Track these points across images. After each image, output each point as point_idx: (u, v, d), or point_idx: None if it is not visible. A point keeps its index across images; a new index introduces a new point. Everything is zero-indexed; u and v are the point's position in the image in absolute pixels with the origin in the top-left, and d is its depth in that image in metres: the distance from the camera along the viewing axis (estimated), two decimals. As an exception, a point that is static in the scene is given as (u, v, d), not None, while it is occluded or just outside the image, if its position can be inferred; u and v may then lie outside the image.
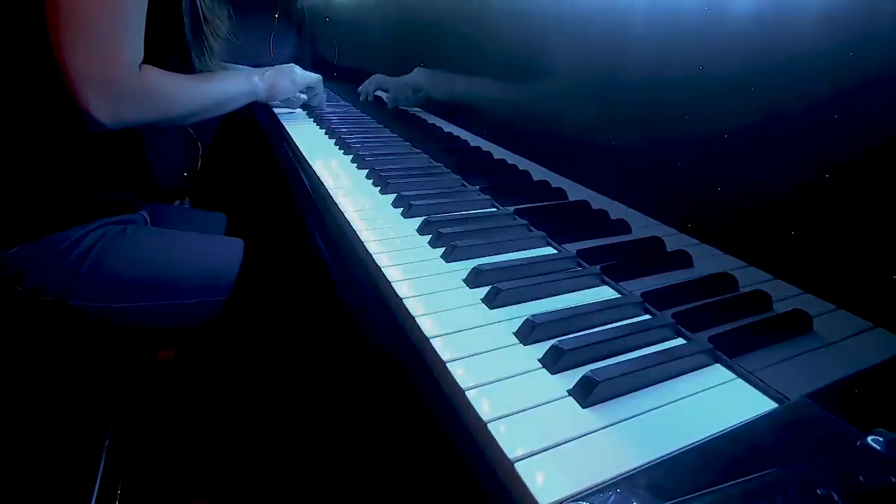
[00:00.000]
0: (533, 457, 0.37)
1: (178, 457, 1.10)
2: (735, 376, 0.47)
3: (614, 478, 0.36)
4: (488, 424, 0.40)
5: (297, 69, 1.37)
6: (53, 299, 0.86)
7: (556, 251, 0.70)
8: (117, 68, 0.83)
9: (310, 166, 1.00)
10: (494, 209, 0.83)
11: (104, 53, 0.80)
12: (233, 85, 1.13)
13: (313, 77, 1.42)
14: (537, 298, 0.57)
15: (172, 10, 0.93)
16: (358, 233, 0.72)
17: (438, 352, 0.48)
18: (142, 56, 0.86)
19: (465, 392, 0.43)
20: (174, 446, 1.11)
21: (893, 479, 0.30)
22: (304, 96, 1.46)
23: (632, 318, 0.55)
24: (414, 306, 0.55)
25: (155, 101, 0.91)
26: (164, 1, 0.90)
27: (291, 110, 1.48)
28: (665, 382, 0.45)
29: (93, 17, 0.78)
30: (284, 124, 1.33)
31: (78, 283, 0.86)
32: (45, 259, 0.85)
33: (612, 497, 0.32)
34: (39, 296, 0.86)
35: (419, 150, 1.12)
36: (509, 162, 1.01)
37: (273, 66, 1.33)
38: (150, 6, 0.85)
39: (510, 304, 0.56)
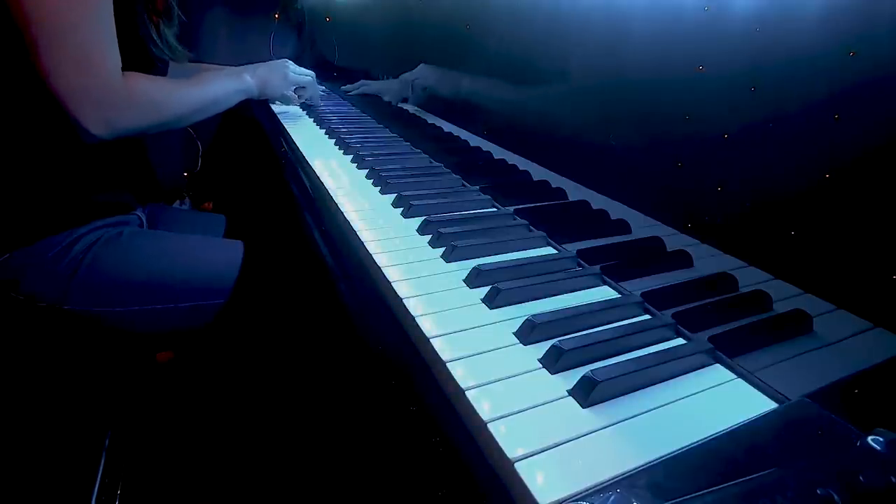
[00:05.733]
0: (533, 457, 0.37)
1: (181, 458, 1.10)
2: (735, 376, 0.47)
3: (614, 478, 0.36)
4: (488, 424, 0.40)
5: (291, 65, 1.35)
6: (48, 305, 0.85)
7: (556, 251, 0.70)
8: (102, 76, 0.81)
9: (310, 166, 1.00)
10: (494, 209, 0.83)
11: (87, 63, 0.78)
12: (223, 84, 1.11)
13: (306, 78, 1.40)
14: (537, 298, 0.57)
15: (124, 4, 0.87)
16: (358, 233, 0.71)
17: (438, 352, 0.48)
18: (120, 60, 0.84)
19: (466, 392, 0.43)
20: (177, 448, 1.11)
21: (893, 479, 0.30)
22: (295, 95, 1.43)
23: (632, 318, 0.55)
24: (414, 306, 0.55)
25: (145, 108, 0.89)
26: None
27: (287, 108, 1.47)
28: (665, 382, 0.45)
29: (70, 28, 0.76)
30: (284, 124, 1.32)
31: (73, 287, 0.85)
32: (38, 264, 0.84)
33: (612, 497, 0.32)
34: (35, 301, 0.85)
35: (419, 150, 1.12)
36: (509, 162, 1.01)
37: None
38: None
39: (510, 304, 0.56)
